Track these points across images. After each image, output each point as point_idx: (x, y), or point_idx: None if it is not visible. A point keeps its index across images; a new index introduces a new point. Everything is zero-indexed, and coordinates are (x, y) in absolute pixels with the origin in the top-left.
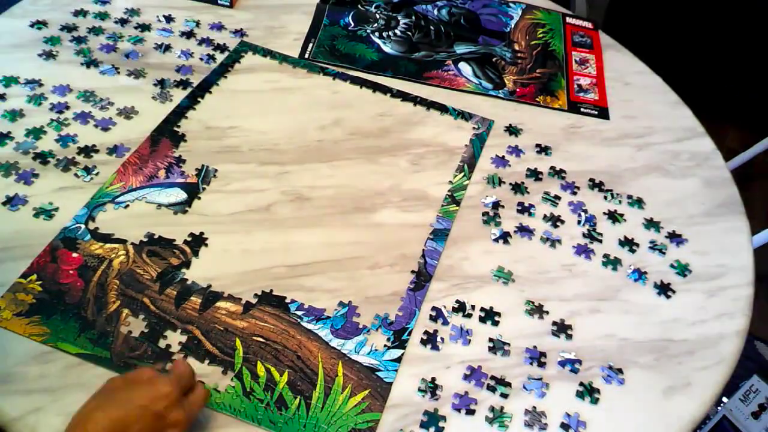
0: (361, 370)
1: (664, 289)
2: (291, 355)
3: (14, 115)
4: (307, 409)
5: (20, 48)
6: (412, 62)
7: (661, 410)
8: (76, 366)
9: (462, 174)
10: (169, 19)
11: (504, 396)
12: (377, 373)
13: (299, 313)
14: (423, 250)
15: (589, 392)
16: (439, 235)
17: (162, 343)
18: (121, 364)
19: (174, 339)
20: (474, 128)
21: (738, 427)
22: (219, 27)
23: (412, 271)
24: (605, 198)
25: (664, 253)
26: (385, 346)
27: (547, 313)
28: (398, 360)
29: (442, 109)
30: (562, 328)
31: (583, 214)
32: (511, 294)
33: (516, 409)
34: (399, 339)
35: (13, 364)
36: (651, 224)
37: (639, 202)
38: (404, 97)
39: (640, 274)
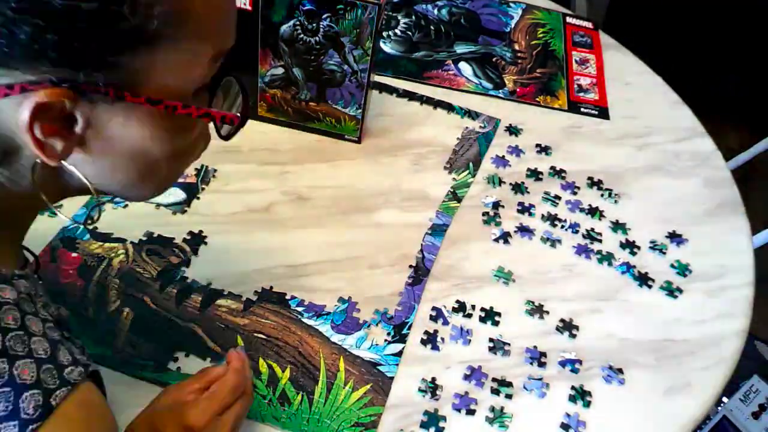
0: (362, 364)
1: (664, 289)
2: (292, 351)
3: None
4: (309, 404)
5: None
6: (412, 62)
7: (661, 410)
8: None
9: (467, 172)
10: None
11: (504, 396)
12: (378, 367)
13: (299, 309)
14: (421, 244)
15: (580, 395)
16: (437, 230)
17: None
18: (122, 363)
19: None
20: (480, 127)
21: (738, 427)
22: None
23: (410, 266)
24: (602, 196)
25: (664, 253)
26: (385, 340)
27: (548, 313)
28: (399, 354)
29: (449, 108)
30: (562, 329)
31: (582, 213)
32: (511, 294)
33: (516, 409)
34: (399, 333)
35: None
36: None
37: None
38: (410, 96)
39: (628, 268)
